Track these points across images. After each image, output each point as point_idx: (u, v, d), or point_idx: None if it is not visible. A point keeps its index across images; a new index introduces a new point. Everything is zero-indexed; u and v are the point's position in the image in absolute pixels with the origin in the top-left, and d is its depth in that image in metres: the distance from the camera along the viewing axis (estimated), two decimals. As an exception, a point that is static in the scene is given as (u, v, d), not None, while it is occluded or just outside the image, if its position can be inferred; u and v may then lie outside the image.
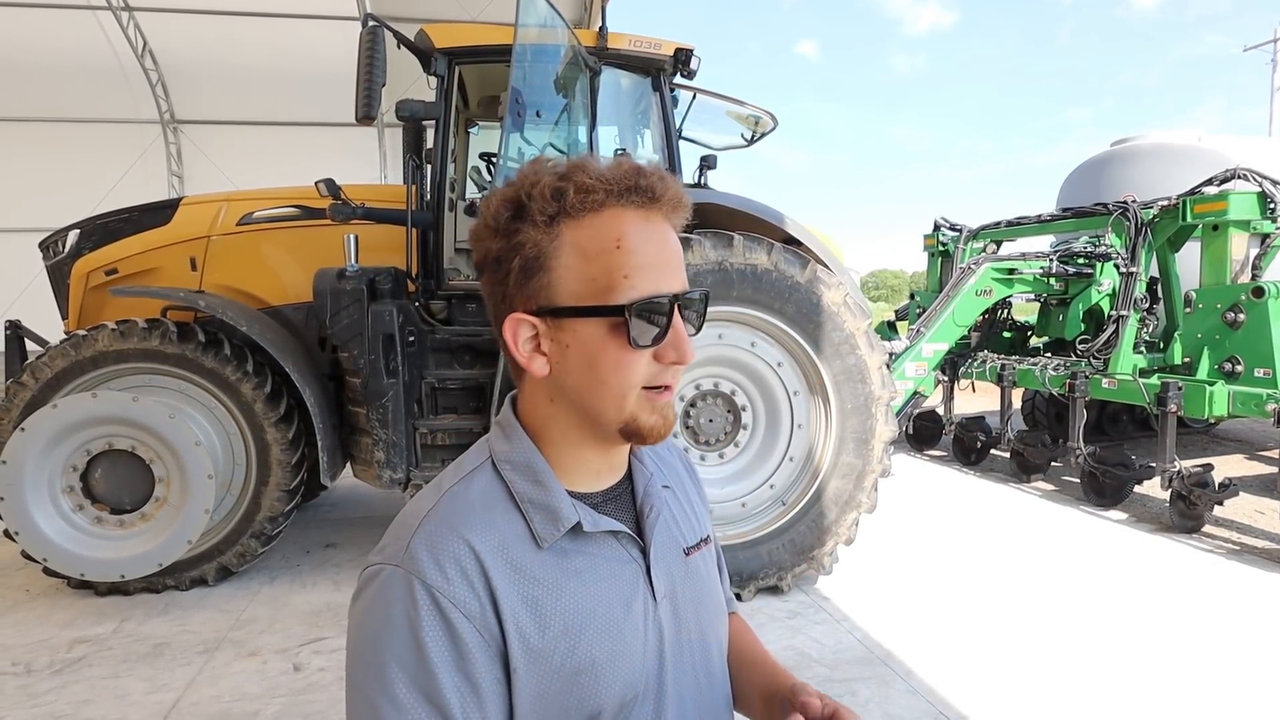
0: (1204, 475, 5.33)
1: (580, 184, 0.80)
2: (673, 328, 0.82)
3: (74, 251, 4.97)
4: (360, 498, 6.57)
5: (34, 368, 4.21)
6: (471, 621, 0.76)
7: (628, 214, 0.81)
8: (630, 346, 0.80)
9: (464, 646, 0.76)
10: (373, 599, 0.79)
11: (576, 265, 0.80)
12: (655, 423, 0.84)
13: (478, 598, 0.77)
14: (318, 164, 6.26)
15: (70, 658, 3.58)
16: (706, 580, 1.00)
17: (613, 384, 0.82)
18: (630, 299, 0.79)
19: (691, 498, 1.08)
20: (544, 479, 0.86)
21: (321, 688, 3.29)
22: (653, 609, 0.89)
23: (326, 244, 4.55)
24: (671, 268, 0.83)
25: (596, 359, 0.81)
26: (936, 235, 8.69)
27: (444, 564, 0.78)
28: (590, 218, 0.80)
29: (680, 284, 0.84)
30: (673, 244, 0.85)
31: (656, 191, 0.82)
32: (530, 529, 0.83)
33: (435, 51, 4.51)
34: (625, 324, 0.79)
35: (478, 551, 0.79)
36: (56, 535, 4.05)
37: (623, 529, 0.89)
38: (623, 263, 0.80)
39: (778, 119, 5.73)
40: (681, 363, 0.83)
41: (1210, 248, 6.02)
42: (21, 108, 12.65)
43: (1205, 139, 8.30)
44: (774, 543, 4.26)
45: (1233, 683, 3.31)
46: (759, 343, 4.30)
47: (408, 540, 0.80)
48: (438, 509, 0.83)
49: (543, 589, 0.81)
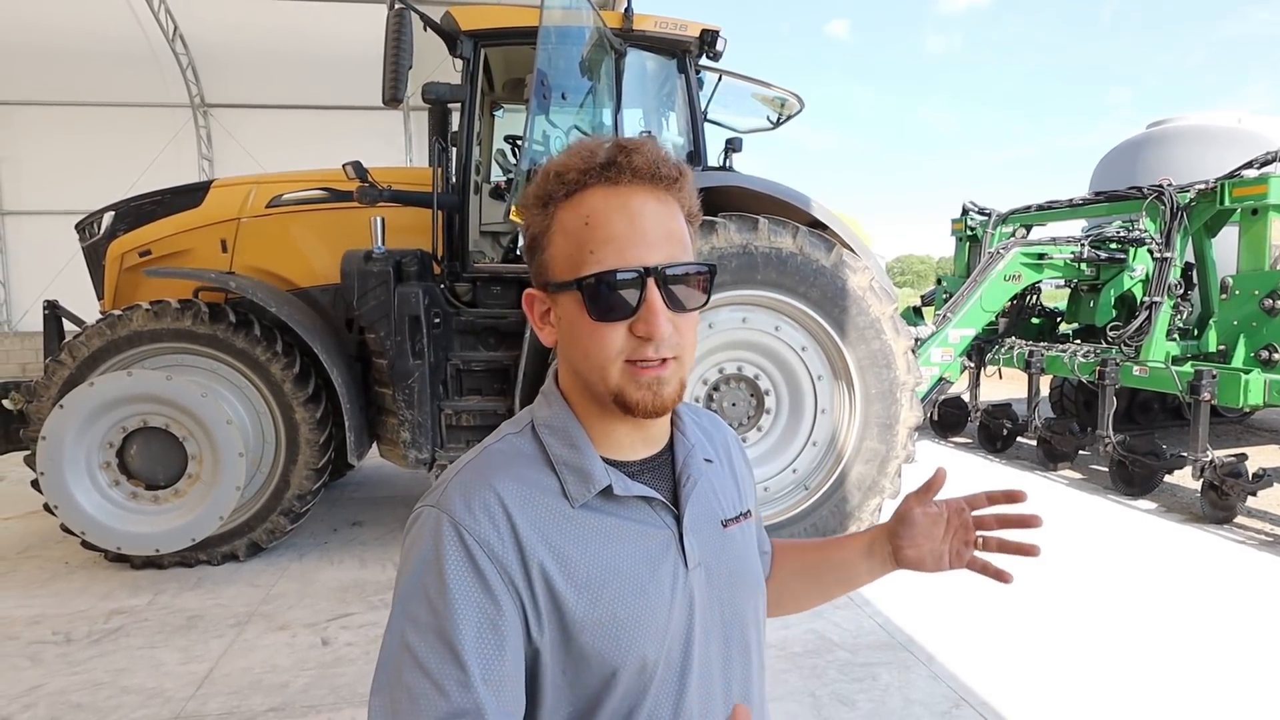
0: (1237, 465, 5.23)
1: (558, 168, 0.85)
2: (645, 301, 0.82)
3: (109, 233, 5.06)
4: (386, 477, 6.66)
5: (71, 346, 4.32)
6: (492, 561, 0.80)
7: (598, 191, 0.83)
8: (591, 319, 0.83)
9: (484, 580, 0.79)
10: (413, 537, 0.85)
11: (561, 243, 0.85)
12: (642, 397, 0.84)
13: (501, 539, 0.81)
14: (345, 147, 6.30)
15: (108, 628, 3.70)
16: (744, 554, 1.01)
17: (592, 355, 0.84)
18: (590, 272, 0.82)
19: (738, 473, 1.09)
20: (579, 443, 0.89)
21: (349, 661, 3.36)
22: (684, 576, 0.90)
23: (354, 226, 4.60)
24: (646, 240, 0.82)
25: (574, 331, 0.86)
26: (965, 220, 8.55)
27: (473, 506, 0.82)
28: (574, 197, 0.84)
29: (660, 257, 0.83)
30: (648, 217, 0.83)
31: (622, 165, 0.83)
32: (564, 488, 0.86)
33: (461, 34, 4.51)
34: (582, 297, 0.83)
35: (505, 500, 0.83)
36: (94, 510, 4.17)
37: (655, 495, 0.90)
38: (589, 237, 0.82)
39: (804, 101, 5.66)
40: (648, 338, 0.82)
41: (1249, 232, 5.87)
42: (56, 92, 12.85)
43: (1246, 120, 8.08)
44: (797, 527, 4.27)
45: (1264, 676, 3.26)
46: (783, 326, 4.29)
47: (445, 485, 0.86)
48: (475, 461, 0.88)
49: (569, 541, 0.84)
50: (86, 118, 13.02)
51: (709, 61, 4.99)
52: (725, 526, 0.98)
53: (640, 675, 0.84)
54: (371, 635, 3.60)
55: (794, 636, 3.61)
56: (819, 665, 3.35)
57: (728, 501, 1.01)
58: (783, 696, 3.09)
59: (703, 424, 1.08)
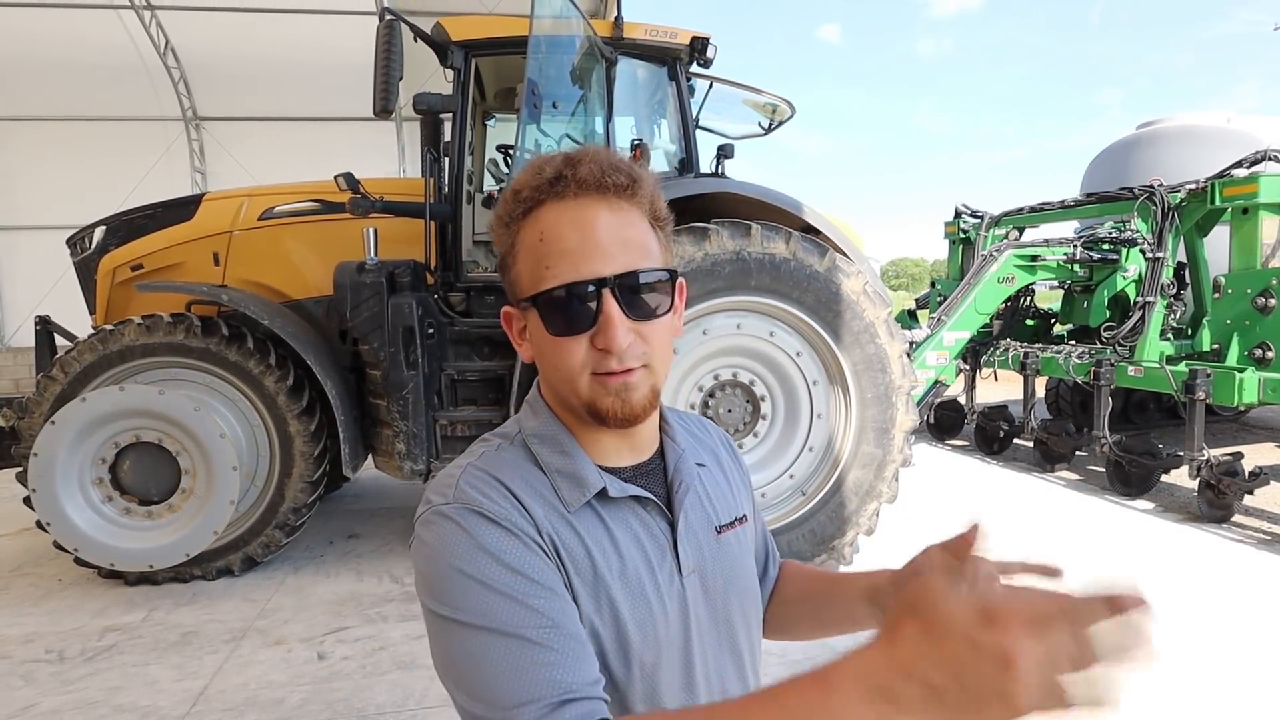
0: (1233, 464, 5.23)
1: (516, 187, 0.86)
2: (602, 313, 0.81)
3: (100, 248, 5.05)
4: (382, 489, 6.63)
5: (63, 362, 4.29)
6: (524, 536, 0.80)
7: (551, 206, 0.83)
8: (550, 335, 0.84)
9: (523, 541, 0.80)
10: (430, 535, 0.82)
11: (524, 260, 0.85)
12: (611, 405, 0.84)
13: (524, 515, 0.81)
14: (337, 158, 6.30)
15: (101, 645, 3.66)
16: (739, 559, 1.00)
17: (560, 368, 0.85)
18: (545, 288, 0.82)
19: (731, 477, 1.08)
20: (569, 449, 0.89)
21: (345, 676, 3.34)
22: (678, 581, 0.90)
23: (346, 237, 4.59)
24: (600, 251, 0.81)
25: (540, 347, 0.87)
26: (958, 222, 8.57)
27: (489, 494, 0.82)
28: (531, 216, 0.84)
29: (617, 266, 0.81)
30: (602, 226, 0.82)
31: (568, 178, 0.82)
32: (558, 494, 0.86)
33: (451, 44, 4.51)
34: (538, 314, 0.84)
35: (515, 491, 0.83)
36: (87, 526, 4.14)
37: (649, 496, 0.90)
38: (544, 253, 0.83)
39: (795, 106, 5.68)
40: (606, 350, 0.82)
41: (1240, 231, 5.89)
42: (47, 107, 12.83)
43: (1235, 120, 8.12)
44: (794, 533, 4.25)
45: (1264, 675, 3.26)
46: (778, 332, 4.28)
47: (453, 486, 0.84)
48: (474, 463, 0.87)
49: (570, 535, 0.84)
50: (79, 132, 12.99)
51: (700, 68, 5.00)
52: (720, 533, 0.98)
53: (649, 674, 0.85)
54: (368, 649, 3.57)
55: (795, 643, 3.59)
56: (819, 672, 3.32)
57: (722, 506, 1.01)
58: (783, 704, 3.06)
59: (691, 429, 1.08)
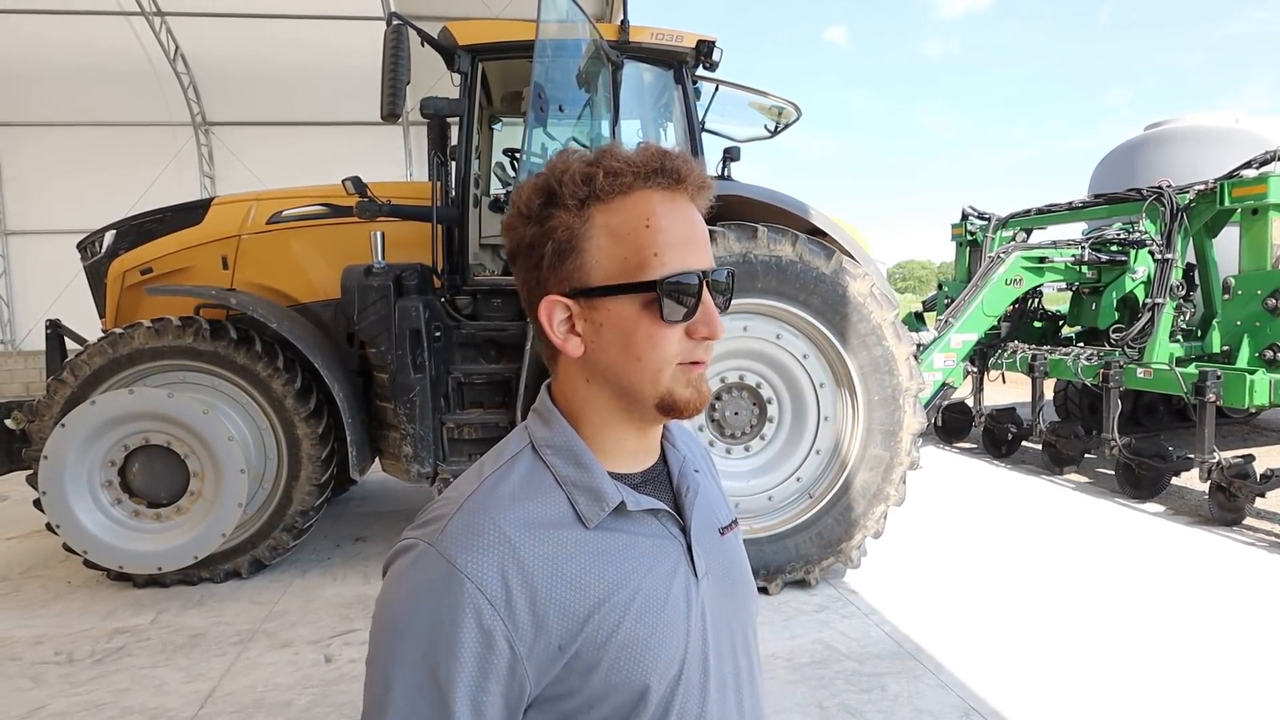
0: (1245, 466, 5.20)
1: (609, 168, 0.83)
2: (703, 304, 0.84)
3: (110, 252, 5.08)
4: (389, 492, 6.65)
5: (73, 365, 4.32)
6: (496, 610, 0.77)
7: (655, 195, 0.84)
8: (663, 322, 0.83)
9: (485, 633, 0.76)
10: (402, 573, 0.80)
11: (608, 246, 0.83)
12: (690, 396, 0.86)
13: (506, 586, 0.77)
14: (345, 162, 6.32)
15: (110, 647, 3.68)
16: (740, 560, 1.02)
17: (648, 359, 0.84)
18: (661, 275, 0.82)
19: (718, 483, 1.12)
20: (585, 461, 0.87)
21: (352, 679, 3.34)
22: (695, 586, 0.90)
23: (354, 241, 4.60)
24: (698, 246, 0.85)
25: (630, 336, 0.84)
26: (965, 224, 8.55)
27: (477, 549, 0.78)
28: (619, 200, 0.83)
29: (708, 262, 0.86)
30: (699, 224, 0.87)
31: (682, 173, 0.85)
32: (575, 510, 0.85)
33: (458, 49, 4.53)
34: (658, 299, 0.82)
35: (514, 540, 0.80)
36: (96, 528, 4.16)
37: (664, 507, 0.90)
38: (652, 241, 0.82)
39: (801, 109, 5.67)
40: (712, 338, 0.85)
41: (1250, 232, 5.86)
42: (58, 113, 12.95)
43: (1244, 120, 8.07)
44: (801, 536, 4.24)
45: (1275, 678, 3.23)
46: (784, 335, 4.27)
47: (445, 523, 0.81)
48: (477, 495, 0.84)
49: (584, 566, 0.82)
50: (89, 137, 13.10)
51: (706, 71, 5.00)
52: (722, 534, 1.00)
53: (666, 693, 0.84)
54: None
55: (801, 647, 3.58)
56: (826, 676, 3.32)
57: (720, 510, 1.03)
58: (790, 708, 3.06)
59: (684, 436, 1.09)
